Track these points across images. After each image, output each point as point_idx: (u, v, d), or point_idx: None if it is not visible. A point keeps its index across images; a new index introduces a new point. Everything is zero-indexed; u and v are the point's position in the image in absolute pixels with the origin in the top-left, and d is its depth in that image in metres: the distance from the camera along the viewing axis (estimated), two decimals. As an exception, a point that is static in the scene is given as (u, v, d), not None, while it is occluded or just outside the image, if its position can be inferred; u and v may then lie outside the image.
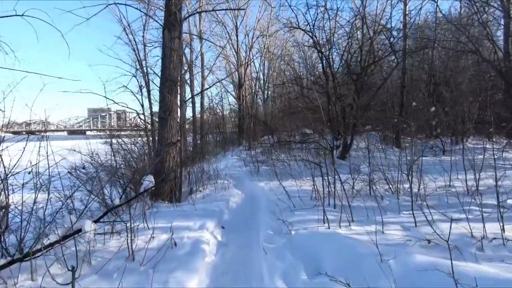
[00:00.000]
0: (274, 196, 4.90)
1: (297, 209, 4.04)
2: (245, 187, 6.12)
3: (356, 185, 4.95)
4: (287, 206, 4.05)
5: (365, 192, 4.71)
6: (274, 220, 3.70)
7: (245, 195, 5.59)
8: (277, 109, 20.99)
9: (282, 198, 4.52)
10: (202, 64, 17.03)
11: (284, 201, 4.25)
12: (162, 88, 5.42)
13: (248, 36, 20.20)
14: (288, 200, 4.32)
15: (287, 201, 4.27)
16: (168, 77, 5.37)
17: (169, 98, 5.31)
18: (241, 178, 7.10)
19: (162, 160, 5.37)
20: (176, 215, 4.08)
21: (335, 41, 7.29)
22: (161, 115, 5.44)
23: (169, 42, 5.40)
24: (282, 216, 3.81)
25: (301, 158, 7.98)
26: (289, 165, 7.68)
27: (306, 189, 5.31)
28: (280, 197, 4.63)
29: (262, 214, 4.11)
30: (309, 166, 7.48)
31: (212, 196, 5.19)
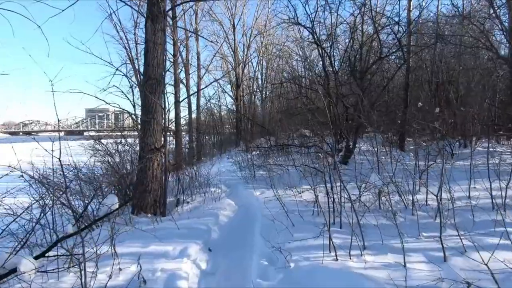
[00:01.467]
0: (270, 210, 4.25)
1: (297, 228, 3.38)
2: (239, 197, 5.46)
3: (362, 196, 4.32)
4: (285, 225, 3.39)
5: (374, 206, 4.06)
6: (270, 245, 3.03)
7: (238, 206, 4.92)
8: (275, 109, 20.34)
9: (279, 213, 3.87)
10: (198, 64, 16.38)
11: (282, 219, 3.59)
12: (144, 87, 4.75)
13: (246, 35, 19.54)
14: (286, 217, 3.67)
15: (284, 219, 3.61)
16: (151, 74, 4.70)
17: (152, 98, 4.64)
18: (235, 185, 6.43)
19: (145, 168, 4.71)
20: (154, 236, 3.42)
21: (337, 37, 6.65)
22: (143, 117, 4.76)
23: (152, 35, 4.72)
24: (279, 239, 3.15)
25: (300, 163, 7.33)
26: (287, 169, 7.03)
27: (306, 200, 4.67)
28: (277, 211, 3.98)
29: (256, 235, 3.44)
30: (309, 172, 6.85)
31: (201, 209, 4.53)
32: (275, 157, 9.00)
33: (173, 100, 12.95)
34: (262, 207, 4.56)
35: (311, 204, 4.35)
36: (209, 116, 19.58)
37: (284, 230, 3.27)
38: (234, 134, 18.17)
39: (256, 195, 5.34)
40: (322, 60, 7.39)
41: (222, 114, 20.92)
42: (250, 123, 16.76)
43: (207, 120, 19.34)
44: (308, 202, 4.44)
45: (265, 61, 22.00)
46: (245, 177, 6.96)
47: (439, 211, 2.94)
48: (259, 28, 19.66)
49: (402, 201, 4.04)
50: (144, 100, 4.77)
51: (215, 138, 18.10)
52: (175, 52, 13.15)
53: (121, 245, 3.10)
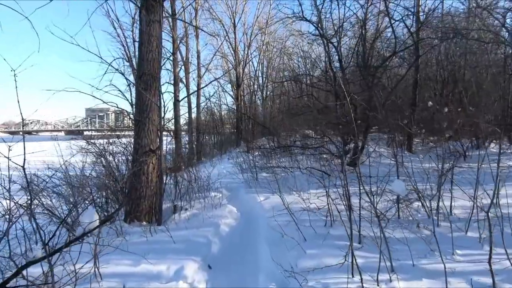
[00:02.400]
0: (276, 219, 3.80)
1: (310, 244, 2.93)
2: (241, 202, 5.01)
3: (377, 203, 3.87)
4: (296, 241, 2.93)
5: (393, 215, 3.61)
6: (279, 263, 2.57)
7: (241, 213, 4.47)
8: (277, 109, 19.89)
9: (287, 224, 3.42)
10: (198, 62, 15.91)
11: (292, 232, 3.13)
12: (138, 84, 4.29)
13: (247, 34, 19.08)
14: (296, 229, 3.21)
15: (294, 231, 3.15)
16: (146, 69, 4.23)
17: (146, 96, 4.18)
18: (237, 189, 5.98)
19: (139, 171, 4.25)
20: (148, 251, 2.96)
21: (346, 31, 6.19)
22: (136, 117, 4.31)
23: (147, 27, 4.26)
24: (290, 256, 2.70)
25: (305, 165, 6.88)
26: (292, 172, 6.58)
27: (317, 207, 4.22)
28: (285, 221, 3.53)
29: (262, 251, 2.98)
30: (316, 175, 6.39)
31: (200, 217, 4.07)
32: (277, 158, 8.54)
33: (172, 99, 12.50)
34: (267, 216, 4.10)
35: (322, 212, 3.92)
36: (210, 116, 19.12)
37: (295, 246, 2.81)
38: (235, 134, 17.71)
39: (259, 200, 4.88)
40: (328, 56, 6.93)
41: (223, 113, 20.46)
42: (251, 123, 16.27)
43: (208, 120, 18.87)
44: (319, 209, 4.00)
45: (266, 60, 21.56)
46: (247, 180, 6.50)
47: (472, 222, 2.47)
48: (260, 27, 19.20)
49: (425, 210, 3.58)
50: (138, 97, 4.31)
51: (215, 138, 17.63)
52: (174, 50, 12.69)
53: (107, 262, 2.65)
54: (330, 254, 2.64)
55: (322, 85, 7.41)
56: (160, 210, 4.22)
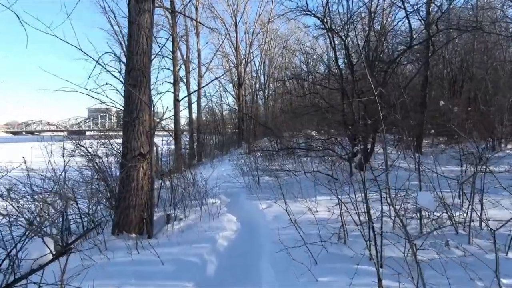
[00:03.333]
0: (280, 232, 3.32)
1: (322, 268, 2.44)
2: (242, 210, 4.53)
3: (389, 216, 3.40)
4: (306, 266, 2.43)
5: (415, 229, 3.12)
6: None
7: (241, 224, 3.99)
8: (279, 108, 19.42)
9: (293, 239, 2.94)
10: (199, 61, 15.44)
11: (299, 252, 2.64)
12: (126, 80, 3.82)
13: (248, 33, 18.59)
14: (302, 243, 2.72)
15: (302, 251, 2.66)
16: (135, 64, 3.76)
17: (135, 94, 3.71)
18: (237, 194, 5.50)
19: (128, 178, 3.79)
20: (130, 274, 2.50)
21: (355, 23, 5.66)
22: (125, 117, 3.84)
23: (137, 17, 3.79)
24: (299, 284, 2.22)
25: (310, 168, 6.39)
26: (296, 175, 6.09)
27: (324, 217, 3.75)
28: (291, 235, 3.06)
29: (267, 278, 2.50)
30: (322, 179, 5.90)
31: (195, 230, 3.59)
32: (280, 160, 8.06)
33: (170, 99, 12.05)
34: (270, 227, 3.63)
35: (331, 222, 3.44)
36: (211, 116, 18.66)
37: (305, 273, 2.32)
38: (236, 134, 17.24)
39: (261, 208, 4.40)
40: (334, 52, 6.43)
41: (224, 114, 19.99)
42: (253, 123, 15.79)
43: (209, 120, 18.42)
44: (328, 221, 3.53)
45: (268, 60, 21.07)
46: (248, 184, 6.03)
47: None
48: (261, 26, 18.70)
49: (452, 224, 3.09)
50: (127, 95, 3.84)
51: (216, 139, 17.17)
52: (174, 48, 12.23)
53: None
54: (347, 282, 2.16)
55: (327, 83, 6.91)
56: (151, 221, 3.75)
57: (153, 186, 3.82)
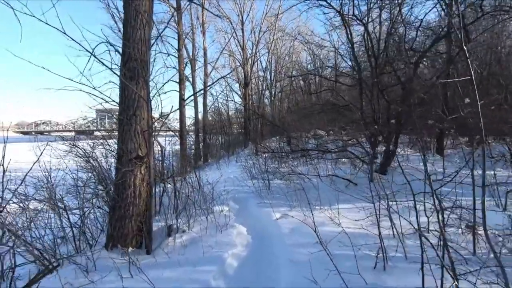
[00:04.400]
0: (300, 251, 2.76)
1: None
2: (252, 220, 3.97)
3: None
4: None
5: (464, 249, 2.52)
6: None
7: (252, 238, 3.42)
8: (286, 108, 18.83)
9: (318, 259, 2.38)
10: (205, 60, 14.94)
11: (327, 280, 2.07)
12: (122, 72, 3.29)
13: (255, 32, 18.03)
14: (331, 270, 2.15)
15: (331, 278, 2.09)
16: (132, 54, 3.23)
17: (132, 88, 3.18)
18: (246, 200, 4.95)
19: (123, 184, 3.26)
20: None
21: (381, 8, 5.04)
22: (120, 114, 3.31)
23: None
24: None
25: (325, 171, 5.80)
26: (308, 178, 5.50)
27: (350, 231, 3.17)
28: (313, 253, 2.49)
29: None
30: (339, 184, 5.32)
31: (199, 245, 3.03)
32: (290, 162, 7.47)
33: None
34: (287, 243, 3.06)
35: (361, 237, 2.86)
36: (217, 116, 18.16)
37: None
38: (242, 134, 16.69)
39: (275, 218, 3.84)
40: (352, 45, 5.82)
41: (230, 113, 19.46)
42: (260, 123, 15.22)
43: (215, 120, 17.92)
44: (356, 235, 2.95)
45: (275, 59, 20.46)
46: (257, 189, 5.46)
47: None
48: (269, 23, 18.12)
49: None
50: (122, 90, 3.31)
51: (222, 139, 16.65)
52: (180, 46, 11.74)
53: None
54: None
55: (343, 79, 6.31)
56: (150, 234, 3.21)
57: (151, 193, 3.27)
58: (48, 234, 3.42)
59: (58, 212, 3.32)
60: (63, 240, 3.46)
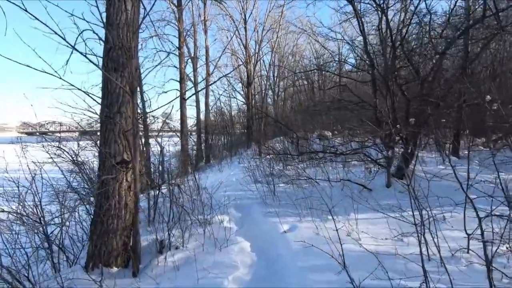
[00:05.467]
0: (316, 277, 2.24)
1: None
2: (257, 233, 3.43)
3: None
4: None
5: None
6: None
7: (257, 255, 2.89)
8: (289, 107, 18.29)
9: None
10: (207, 58, 14.42)
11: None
12: (104, 63, 2.78)
13: (258, 30, 17.49)
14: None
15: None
16: (116, 41, 2.72)
17: (114, 81, 2.66)
18: (250, 208, 4.42)
19: (106, 193, 2.75)
20: None
21: None
22: (103, 112, 2.79)
23: (117, -23, 2.75)
24: None
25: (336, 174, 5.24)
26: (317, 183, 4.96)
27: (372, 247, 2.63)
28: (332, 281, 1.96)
29: None
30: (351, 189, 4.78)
31: (193, 267, 2.51)
32: (295, 164, 6.93)
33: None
34: (298, 264, 2.53)
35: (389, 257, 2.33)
36: (219, 116, 17.66)
37: None
38: (245, 134, 16.16)
39: (283, 230, 3.31)
40: (364, 37, 5.28)
41: (233, 114, 18.94)
42: (263, 123, 14.68)
43: (217, 120, 17.42)
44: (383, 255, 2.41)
45: (278, 59, 19.89)
46: (262, 194, 4.93)
47: None
48: (272, 22, 17.58)
49: None
50: (105, 83, 2.79)
51: (225, 139, 16.14)
52: (181, 44, 11.24)
53: None
54: None
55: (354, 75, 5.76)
56: (136, 253, 2.70)
57: (136, 207, 2.75)
58: (23, 252, 2.92)
59: (30, 224, 2.82)
60: (39, 257, 2.96)
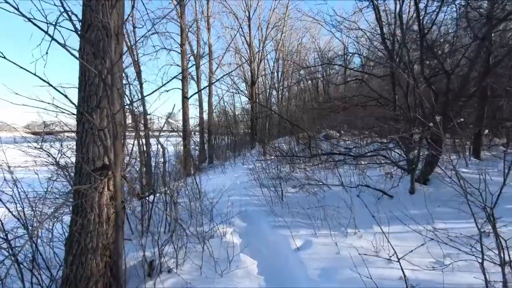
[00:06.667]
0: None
1: None
2: (264, 249, 2.90)
3: None
4: None
5: None
6: None
7: (266, 279, 2.35)
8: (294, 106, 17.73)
9: None
10: (210, 57, 13.88)
11: None
12: (81, 47, 2.25)
13: (262, 29, 16.94)
14: None
15: None
16: (94, 18, 2.19)
17: (94, 71, 2.13)
18: (256, 217, 3.87)
19: (83, 205, 2.23)
20: None
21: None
22: (80, 107, 2.27)
23: None
24: None
25: (350, 179, 4.68)
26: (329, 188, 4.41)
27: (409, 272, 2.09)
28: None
29: None
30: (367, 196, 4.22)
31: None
32: (304, 165, 6.36)
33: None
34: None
35: None
36: (223, 116, 17.15)
37: None
38: (249, 134, 15.62)
39: (295, 246, 2.76)
40: (381, 28, 4.73)
41: (236, 113, 18.40)
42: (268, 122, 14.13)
43: (221, 120, 16.90)
44: None
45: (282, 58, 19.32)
46: (268, 200, 4.39)
47: None
48: (276, 21, 17.03)
49: None
50: (82, 73, 2.27)
51: (228, 139, 15.63)
52: (183, 41, 10.73)
53: None
54: None
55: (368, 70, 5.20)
56: (118, 279, 2.17)
57: (118, 222, 2.22)
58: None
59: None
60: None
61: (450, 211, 3.13)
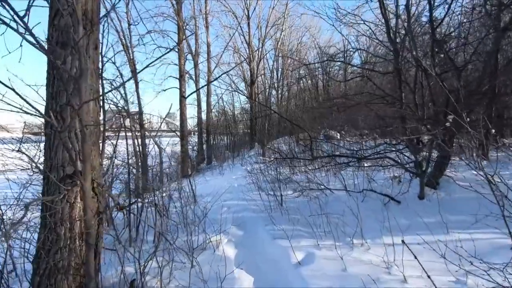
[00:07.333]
0: None
1: None
2: (262, 265, 2.58)
3: None
4: None
5: None
6: None
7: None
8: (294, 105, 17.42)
9: None
10: (208, 56, 13.58)
11: None
12: (49, 35, 1.94)
13: (261, 28, 16.63)
14: None
15: None
16: (63, 5, 1.88)
17: (57, 63, 1.82)
18: (253, 224, 3.56)
19: (51, 218, 1.92)
20: None
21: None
22: (49, 106, 1.96)
23: None
24: None
25: (353, 182, 4.37)
26: (332, 192, 4.10)
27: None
28: None
29: None
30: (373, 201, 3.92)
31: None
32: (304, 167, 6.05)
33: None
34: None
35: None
36: (222, 115, 16.84)
37: None
38: (248, 134, 15.32)
39: (296, 261, 2.46)
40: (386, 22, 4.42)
41: (236, 113, 18.09)
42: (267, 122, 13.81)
43: (220, 120, 16.60)
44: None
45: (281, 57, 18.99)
46: (267, 206, 4.08)
47: None
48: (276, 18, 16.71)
49: None
50: (49, 65, 1.96)
51: (227, 139, 15.33)
52: (180, 39, 10.42)
53: None
54: None
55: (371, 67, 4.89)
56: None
57: (99, 235, 1.92)
58: None
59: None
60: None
61: (467, 219, 2.82)
